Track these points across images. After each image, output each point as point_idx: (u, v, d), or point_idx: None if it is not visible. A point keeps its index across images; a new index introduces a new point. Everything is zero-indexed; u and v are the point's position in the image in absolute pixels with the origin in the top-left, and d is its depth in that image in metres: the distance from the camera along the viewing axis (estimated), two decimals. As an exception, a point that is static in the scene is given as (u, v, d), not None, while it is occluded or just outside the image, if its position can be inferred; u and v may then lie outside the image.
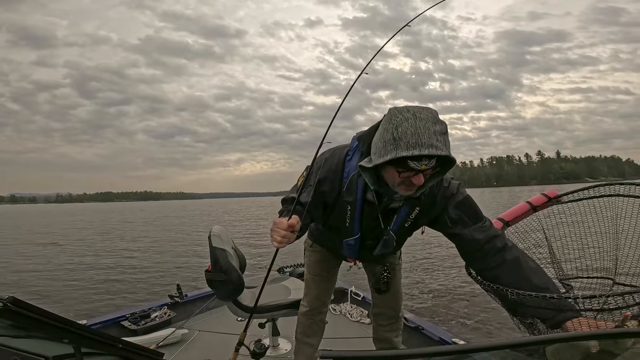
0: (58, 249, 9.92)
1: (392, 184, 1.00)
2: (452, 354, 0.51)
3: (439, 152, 0.87)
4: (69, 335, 0.64)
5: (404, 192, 0.99)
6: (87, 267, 7.35)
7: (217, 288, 1.72)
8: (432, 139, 0.87)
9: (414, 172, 0.91)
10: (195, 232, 13.99)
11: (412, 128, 0.87)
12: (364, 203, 1.13)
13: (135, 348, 0.80)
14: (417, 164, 0.89)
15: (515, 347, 0.55)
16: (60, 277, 6.44)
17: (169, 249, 9.69)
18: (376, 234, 1.20)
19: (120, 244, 10.92)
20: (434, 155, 0.88)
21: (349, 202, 1.13)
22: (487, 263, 1.03)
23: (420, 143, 0.86)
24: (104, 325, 2.23)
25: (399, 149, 0.88)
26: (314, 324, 1.54)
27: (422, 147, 0.86)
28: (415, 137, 0.87)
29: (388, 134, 0.91)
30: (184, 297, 2.66)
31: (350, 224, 1.18)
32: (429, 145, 0.86)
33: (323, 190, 1.13)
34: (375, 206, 1.12)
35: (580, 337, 0.58)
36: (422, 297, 4.98)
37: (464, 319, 4.12)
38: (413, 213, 1.13)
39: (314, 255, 1.53)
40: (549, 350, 0.57)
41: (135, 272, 6.77)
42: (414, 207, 1.12)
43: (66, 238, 12.53)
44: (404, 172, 0.93)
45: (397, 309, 1.53)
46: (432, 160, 0.89)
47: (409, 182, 0.95)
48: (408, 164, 0.89)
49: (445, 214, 1.11)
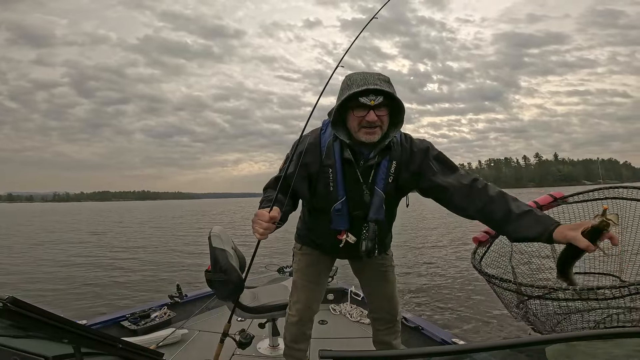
0: (58, 248, 9.92)
1: (355, 132, 1.16)
2: (452, 354, 0.51)
3: (383, 88, 1.09)
4: (69, 335, 0.64)
5: (365, 137, 1.15)
6: (87, 267, 7.35)
7: (217, 288, 1.72)
8: (377, 81, 1.10)
9: (366, 109, 1.11)
10: (195, 232, 13.99)
11: (361, 76, 1.12)
12: (344, 163, 1.23)
13: (135, 348, 0.80)
14: (366, 99, 1.09)
15: (515, 347, 0.55)
16: (60, 277, 6.44)
17: (169, 249, 9.69)
18: (362, 199, 1.24)
19: (120, 243, 10.92)
20: (380, 91, 1.09)
21: (329, 165, 1.23)
22: (478, 203, 1.11)
23: (367, 82, 1.09)
24: (104, 325, 2.23)
25: (351, 89, 1.10)
26: (303, 333, 1.49)
27: (369, 84, 1.08)
28: (363, 80, 1.10)
29: (343, 84, 1.15)
30: (184, 297, 2.66)
31: (334, 187, 1.24)
32: (374, 84, 1.09)
33: (306, 161, 1.24)
34: (354, 164, 1.21)
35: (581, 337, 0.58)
36: (422, 297, 4.98)
37: (464, 319, 4.12)
38: (392, 167, 1.22)
39: (304, 259, 1.48)
40: (549, 351, 0.57)
41: (135, 272, 6.77)
42: (391, 161, 1.22)
43: (66, 238, 12.54)
44: (359, 112, 1.12)
45: (393, 313, 1.51)
46: (379, 97, 1.10)
47: (366, 122, 1.12)
48: (359, 101, 1.10)
49: (428, 166, 1.21)
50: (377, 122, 1.12)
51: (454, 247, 9.20)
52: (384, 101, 1.11)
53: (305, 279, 1.47)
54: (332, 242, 1.31)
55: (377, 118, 1.12)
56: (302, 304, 1.44)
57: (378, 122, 1.12)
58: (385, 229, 1.37)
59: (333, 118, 1.19)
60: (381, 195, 1.22)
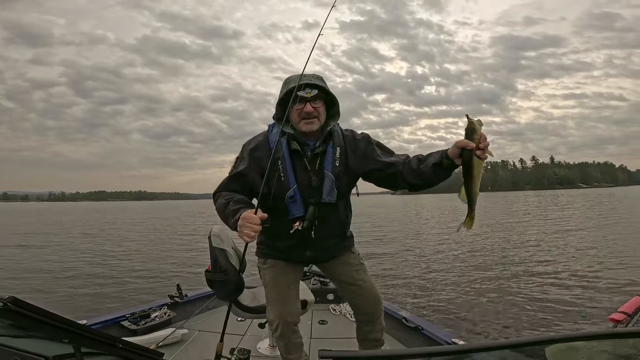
0: (58, 248, 9.92)
1: (296, 125, 1.31)
2: (452, 354, 0.51)
3: (317, 82, 1.29)
4: (69, 335, 0.64)
5: (305, 127, 1.30)
6: (87, 267, 7.35)
7: (217, 288, 1.72)
8: (311, 78, 1.30)
9: (304, 102, 1.27)
10: (195, 232, 14.00)
11: (297, 75, 1.31)
12: (292, 154, 1.33)
13: (135, 348, 0.80)
14: (304, 93, 1.27)
15: (515, 347, 0.55)
16: (60, 277, 6.44)
17: (169, 249, 9.69)
18: (312, 185, 1.33)
19: (120, 243, 10.92)
20: (314, 85, 1.28)
21: (278, 157, 1.31)
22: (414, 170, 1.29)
23: (304, 78, 1.28)
24: (104, 325, 2.23)
25: (290, 85, 1.30)
26: (293, 343, 1.43)
27: (305, 79, 1.28)
28: (301, 77, 1.29)
29: (283, 84, 1.35)
30: (184, 297, 2.65)
31: (285, 177, 1.32)
32: (309, 79, 1.29)
33: (257, 156, 1.34)
34: (301, 153, 1.33)
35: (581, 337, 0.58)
36: (422, 297, 4.98)
37: (464, 319, 4.12)
38: (337, 152, 1.36)
39: (270, 272, 1.45)
40: (549, 351, 0.57)
41: (135, 272, 6.77)
42: (335, 147, 1.36)
43: (65, 237, 12.54)
44: (298, 105, 1.27)
45: (377, 309, 1.50)
46: (313, 90, 1.28)
47: (305, 114, 1.28)
48: (298, 95, 1.26)
49: (373, 150, 1.38)
50: (314, 113, 1.29)
51: (454, 247, 9.20)
52: (319, 94, 1.30)
53: (276, 293, 1.42)
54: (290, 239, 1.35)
55: (314, 109, 1.29)
56: (279, 318, 1.38)
57: (315, 112, 1.29)
58: (341, 216, 1.44)
59: (276, 114, 1.35)
60: (331, 177, 1.33)
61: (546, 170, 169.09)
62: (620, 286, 5.21)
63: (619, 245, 8.61)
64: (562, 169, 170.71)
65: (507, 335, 3.70)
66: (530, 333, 3.70)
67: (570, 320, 3.99)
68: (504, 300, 4.73)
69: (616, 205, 24.86)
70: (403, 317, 2.25)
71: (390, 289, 5.38)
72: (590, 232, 11.22)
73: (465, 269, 6.62)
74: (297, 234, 1.31)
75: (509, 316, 4.16)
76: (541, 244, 9.33)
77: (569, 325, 3.85)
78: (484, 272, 6.41)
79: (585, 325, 3.90)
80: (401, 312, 2.32)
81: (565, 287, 5.29)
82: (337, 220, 1.43)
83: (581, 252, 7.98)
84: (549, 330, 3.72)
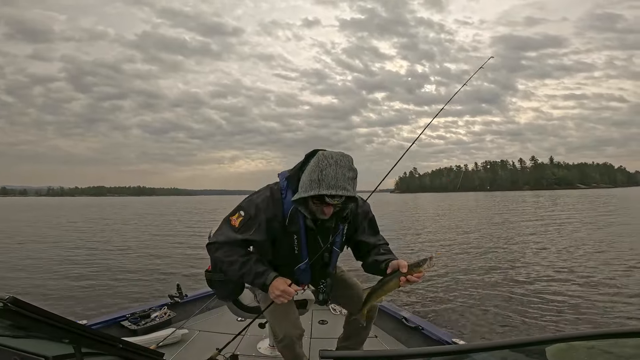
0: (57, 248, 9.92)
1: (313, 210, 1.30)
2: (452, 354, 0.51)
3: (348, 194, 1.22)
4: (69, 335, 0.64)
5: (322, 216, 1.31)
6: (87, 266, 7.35)
7: (217, 288, 1.72)
8: (345, 184, 1.22)
9: (328, 204, 1.25)
10: (195, 232, 13.99)
11: (333, 173, 1.21)
12: (307, 230, 1.37)
13: (135, 348, 0.80)
14: (331, 200, 1.24)
15: (515, 347, 0.55)
16: (60, 277, 6.44)
17: (169, 249, 9.69)
18: (323, 260, 1.44)
19: (120, 243, 10.92)
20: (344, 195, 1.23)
21: (294, 231, 1.36)
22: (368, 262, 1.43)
23: (337, 186, 1.20)
24: (104, 325, 2.23)
25: (322, 188, 1.21)
26: (297, 355, 1.47)
27: (338, 189, 1.20)
28: (334, 180, 1.20)
29: (314, 175, 1.23)
30: (184, 297, 2.65)
31: (299, 250, 1.39)
32: (343, 188, 1.21)
33: (273, 226, 1.35)
34: (315, 231, 1.38)
35: (581, 337, 0.58)
36: (422, 297, 4.98)
37: (464, 319, 4.12)
38: (345, 228, 1.44)
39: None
40: (549, 351, 0.57)
41: (136, 272, 6.77)
42: (345, 223, 1.42)
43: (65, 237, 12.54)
44: (318, 203, 1.26)
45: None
46: (342, 198, 1.26)
47: (320, 211, 1.28)
48: (325, 199, 1.23)
49: (364, 226, 1.47)
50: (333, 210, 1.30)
51: (453, 248, 9.20)
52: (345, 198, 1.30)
53: (278, 312, 1.47)
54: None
55: (332, 210, 1.29)
56: (285, 335, 1.43)
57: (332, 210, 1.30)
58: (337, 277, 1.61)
59: (291, 182, 1.33)
60: (338, 253, 1.48)
61: (545, 171, 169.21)
62: (621, 286, 5.21)
63: (621, 245, 8.61)
64: (561, 169, 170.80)
65: (507, 335, 3.70)
66: (530, 333, 3.70)
67: (570, 320, 3.99)
68: (504, 300, 4.73)
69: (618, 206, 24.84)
70: (403, 317, 2.25)
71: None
72: (590, 234, 11.22)
73: (465, 269, 6.62)
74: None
75: (509, 316, 4.16)
76: (541, 244, 9.33)
77: (569, 325, 3.85)
78: (484, 272, 6.41)
79: (585, 325, 3.90)
80: (401, 312, 2.32)
81: (565, 287, 5.29)
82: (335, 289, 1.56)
83: (581, 252, 7.98)
84: (549, 330, 3.72)
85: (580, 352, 0.58)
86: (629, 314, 4.14)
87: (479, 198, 54.71)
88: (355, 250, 1.52)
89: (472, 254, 8.14)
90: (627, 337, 0.57)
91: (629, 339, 0.58)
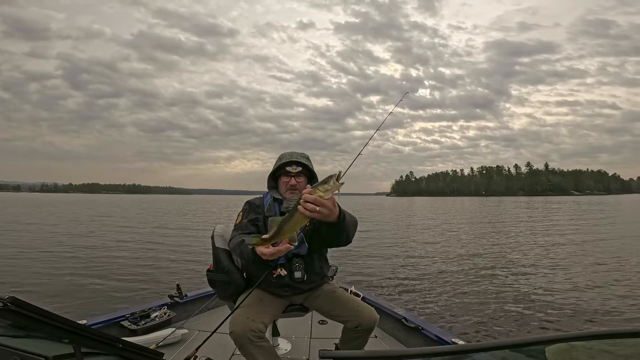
0: (57, 248, 9.92)
1: (283, 193, 1.66)
2: (452, 354, 0.51)
3: (302, 160, 1.65)
4: (69, 335, 0.64)
5: (290, 195, 1.63)
6: (87, 266, 7.35)
7: (218, 288, 1.72)
8: (298, 157, 1.67)
9: (289, 177, 1.64)
10: (195, 232, 13.98)
11: (289, 153, 1.69)
12: (281, 215, 1.58)
13: (135, 348, 0.80)
14: (290, 168, 1.64)
15: (515, 347, 0.55)
16: (60, 277, 6.44)
17: (169, 249, 9.68)
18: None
19: (120, 243, 10.92)
20: (299, 163, 1.64)
21: (270, 216, 1.60)
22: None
23: (291, 157, 1.66)
24: (104, 325, 2.23)
25: (280, 161, 1.66)
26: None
27: (292, 157, 1.65)
28: (289, 155, 1.67)
29: (277, 159, 1.70)
30: (184, 297, 2.65)
31: None
32: (296, 158, 1.66)
33: (254, 217, 1.65)
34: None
35: (581, 337, 0.58)
36: (422, 297, 4.98)
37: (464, 319, 4.12)
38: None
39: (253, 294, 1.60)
40: (550, 351, 0.57)
41: (135, 272, 6.77)
42: None
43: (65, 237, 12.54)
44: (285, 178, 1.65)
45: (371, 319, 1.58)
46: (298, 167, 1.64)
47: (289, 186, 1.64)
48: (286, 170, 1.64)
49: None
50: (297, 186, 1.64)
51: (453, 248, 9.20)
52: (303, 171, 1.66)
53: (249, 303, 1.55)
54: (269, 276, 1.59)
55: (297, 183, 1.64)
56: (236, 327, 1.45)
57: (297, 185, 1.64)
58: (316, 261, 1.68)
59: (269, 184, 1.72)
60: (301, 235, 1.61)
61: (540, 177, 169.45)
62: (620, 287, 5.21)
63: (618, 249, 8.61)
64: (556, 176, 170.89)
65: (507, 335, 3.70)
66: (530, 333, 3.70)
67: (570, 320, 3.99)
68: (504, 301, 4.73)
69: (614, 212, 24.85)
70: (403, 317, 2.25)
71: (391, 289, 5.38)
72: (589, 235, 11.22)
73: (465, 270, 6.62)
74: (279, 279, 1.60)
75: (509, 316, 4.16)
76: (541, 246, 9.33)
77: (569, 325, 3.84)
78: (484, 272, 6.41)
79: (585, 325, 3.90)
80: (401, 312, 2.32)
81: (565, 287, 5.30)
82: (311, 270, 1.65)
83: (581, 253, 7.98)
84: (549, 330, 3.71)
85: (580, 352, 0.58)
86: (629, 314, 4.14)
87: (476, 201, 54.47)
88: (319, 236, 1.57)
89: (472, 255, 8.14)
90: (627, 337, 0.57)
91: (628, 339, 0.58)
